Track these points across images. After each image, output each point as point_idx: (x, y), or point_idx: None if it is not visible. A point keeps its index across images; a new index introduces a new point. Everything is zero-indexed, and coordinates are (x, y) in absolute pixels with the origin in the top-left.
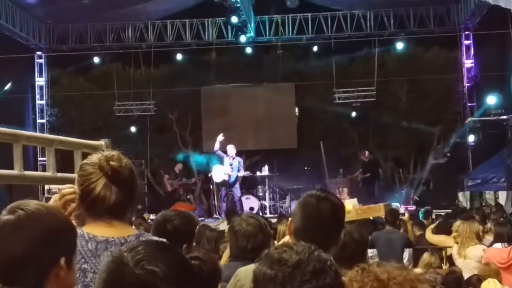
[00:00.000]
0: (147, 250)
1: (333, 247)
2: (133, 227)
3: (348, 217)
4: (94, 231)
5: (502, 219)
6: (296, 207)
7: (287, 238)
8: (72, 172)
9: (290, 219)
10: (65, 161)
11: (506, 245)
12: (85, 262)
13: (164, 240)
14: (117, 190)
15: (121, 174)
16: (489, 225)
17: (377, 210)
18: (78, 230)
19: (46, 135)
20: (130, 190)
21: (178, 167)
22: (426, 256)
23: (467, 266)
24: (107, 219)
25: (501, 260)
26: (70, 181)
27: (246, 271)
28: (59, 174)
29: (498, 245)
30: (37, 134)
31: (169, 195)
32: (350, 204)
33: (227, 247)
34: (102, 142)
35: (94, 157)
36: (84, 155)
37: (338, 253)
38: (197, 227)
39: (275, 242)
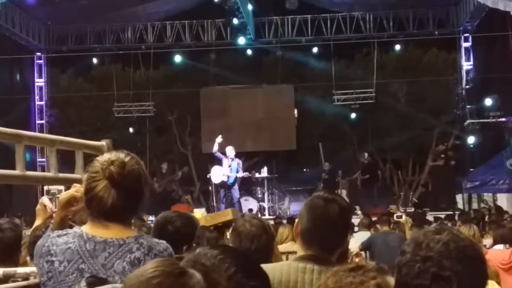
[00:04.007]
0: None
1: (340, 249)
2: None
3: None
4: (93, 232)
5: (504, 220)
6: (303, 209)
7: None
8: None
9: (296, 220)
10: (64, 162)
11: (508, 246)
12: (83, 262)
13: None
14: (115, 195)
15: (121, 180)
16: (487, 227)
17: (226, 215)
18: (77, 230)
19: (48, 135)
20: (131, 196)
21: (164, 167)
22: None
23: None
24: (104, 221)
25: (502, 261)
26: (72, 181)
27: None
28: (61, 175)
29: (499, 247)
30: (39, 134)
31: (167, 196)
32: (199, 212)
33: None
34: (103, 142)
35: (105, 156)
36: (86, 156)
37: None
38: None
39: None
